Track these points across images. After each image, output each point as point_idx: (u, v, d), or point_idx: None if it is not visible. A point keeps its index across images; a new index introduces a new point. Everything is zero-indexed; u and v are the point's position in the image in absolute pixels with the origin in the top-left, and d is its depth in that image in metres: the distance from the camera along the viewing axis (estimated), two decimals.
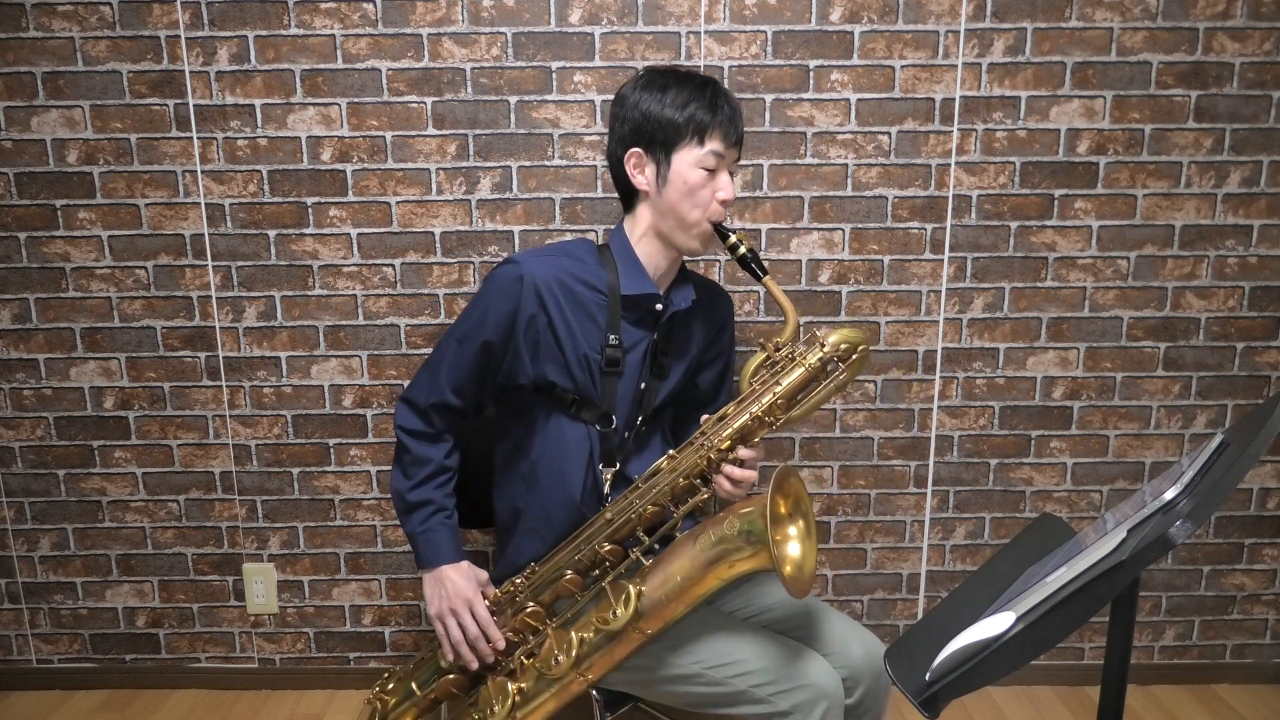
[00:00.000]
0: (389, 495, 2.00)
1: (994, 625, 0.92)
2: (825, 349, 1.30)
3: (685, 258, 1.46)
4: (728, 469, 1.30)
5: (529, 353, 1.36)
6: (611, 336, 1.37)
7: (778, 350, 1.33)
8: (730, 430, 1.30)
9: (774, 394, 1.30)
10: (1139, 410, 1.98)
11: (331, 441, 1.99)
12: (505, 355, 1.37)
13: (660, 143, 1.34)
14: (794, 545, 1.25)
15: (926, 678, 0.95)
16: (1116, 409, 1.98)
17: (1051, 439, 2.00)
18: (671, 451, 1.34)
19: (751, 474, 1.31)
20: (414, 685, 1.44)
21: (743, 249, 1.34)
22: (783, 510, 1.26)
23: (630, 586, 1.26)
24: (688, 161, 1.33)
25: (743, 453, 1.30)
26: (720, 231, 1.36)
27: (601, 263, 1.40)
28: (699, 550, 1.23)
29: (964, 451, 2.00)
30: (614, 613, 1.25)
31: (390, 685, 1.47)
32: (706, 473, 1.31)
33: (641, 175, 1.37)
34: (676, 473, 1.31)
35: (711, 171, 1.33)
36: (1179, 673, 2.10)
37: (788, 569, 1.20)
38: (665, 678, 1.32)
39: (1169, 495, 0.97)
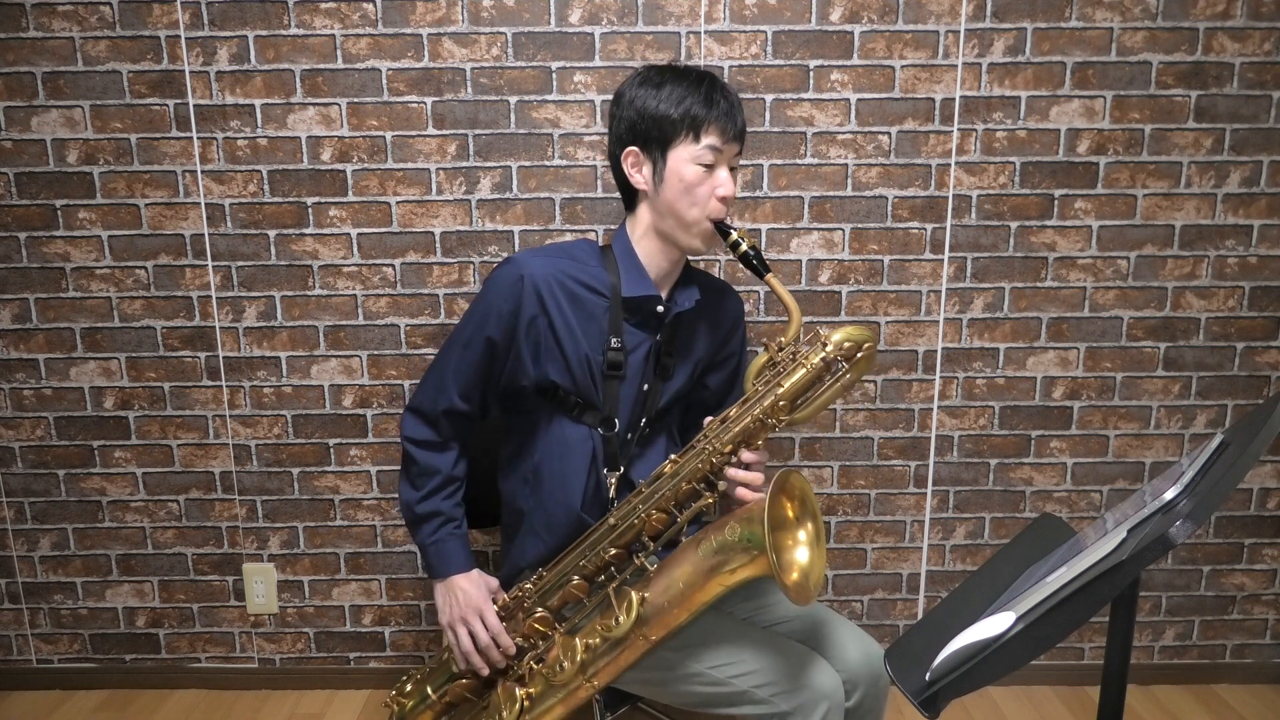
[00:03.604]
0: (389, 495, 2.01)
1: (994, 625, 0.92)
2: (828, 349, 1.26)
3: (689, 257, 1.44)
4: (731, 472, 1.27)
5: (530, 354, 1.35)
6: (613, 339, 1.36)
7: (780, 350, 1.30)
8: (733, 433, 1.28)
9: (776, 395, 1.27)
10: (1139, 410, 1.98)
11: (331, 441, 1.99)
12: (509, 355, 1.36)
13: (656, 140, 1.31)
14: (801, 551, 1.23)
15: (926, 678, 0.95)
16: (1116, 409, 1.98)
17: (1051, 439, 2.00)
18: (674, 456, 1.32)
19: (757, 476, 1.29)
20: (429, 689, 1.45)
21: (744, 246, 1.31)
22: (790, 514, 1.25)
23: (633, 593, 1.25)
24: (683, 158, 1.30)
25: (746, 455, 1.28)
26: (721, 229, 1.33)
27: (603, 264, 1.38)
28: (701, 557, 1.22)
29: (964, 451, 2.00)
30: (617, 620, 1.24)
31: (408, 687, 1.49)
32: (710, 476, 1.29)
33: (639, 174, 1.35)
34: (679, 477, 1.29)
35: (709, 167, 1.30)
36: (1179, 673, 2.10)
37: (793, 576, 1.19)
38: (668, 678, 1.32)
39: (1169, 495, 0.97)
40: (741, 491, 1.28)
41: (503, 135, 1.85)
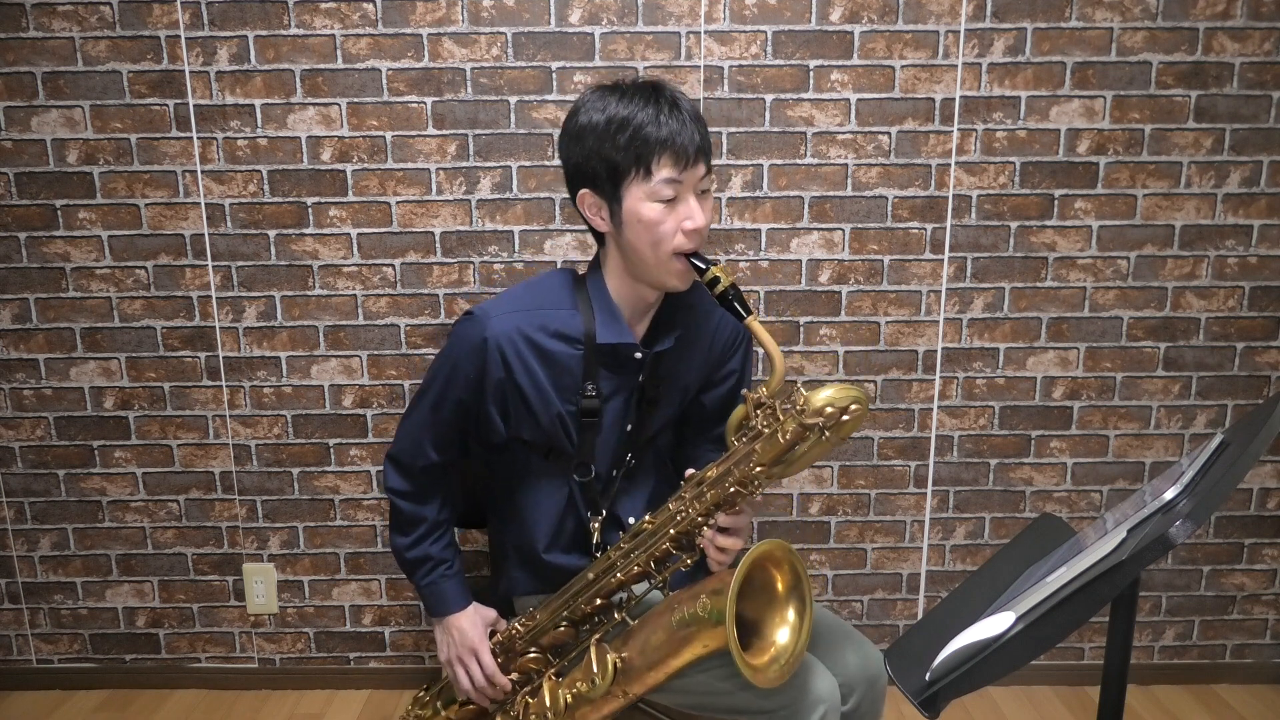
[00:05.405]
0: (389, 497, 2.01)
1: (994, 625, 0.92)
2: (805, 416, 1.10)
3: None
4: (710, 535, 1.20)
5: (499, 415, 1.30)
6: (588, 386, 1.29)
7: (759, 408, 1.17)
8: (707, 499, 1.19)
9: (750, 464, 1.16)
10: (1139, 410, 1.98)
11: (331, 441, 1.99)
12: (479, 411, 1.32)
13: (606, 179, 1.19)
14: (782, 632, 1.19)
15: (926, 678, 0.95)
16: (1116, 409, 1.98)
17: (1051, 439, 2.00)
18: (649, 517, 1.26)
19: (736, 542, 1.21)
20: (440, 705, 1.49)
21: (723, 285, 1.17)
22: (779, 585, 1.21)
23: (610, 656, 1.24)
24: (639, 197, 1.18)
25: (724, 520, 1.20)
26: (694, 265, 1.21)
27: (577, 303, 1.29)
28: (675, 627, 1.20)
29: (964, 451, 2.00)
30: (594, 681, 1.24)
31: (426, 699, 1.52)
32: (690, 536, 1.23)
33: (599, 217, 1.25)
34: (656, 538, 1.24)
35: (671, 201, 1.18)
36: (1179, 673, 2.10)
37: (763, 658, 1.17)
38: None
39: (1169, 495, 0.97)
40: (713, 558, 1.21)
41: (503, 135, 1.85)
